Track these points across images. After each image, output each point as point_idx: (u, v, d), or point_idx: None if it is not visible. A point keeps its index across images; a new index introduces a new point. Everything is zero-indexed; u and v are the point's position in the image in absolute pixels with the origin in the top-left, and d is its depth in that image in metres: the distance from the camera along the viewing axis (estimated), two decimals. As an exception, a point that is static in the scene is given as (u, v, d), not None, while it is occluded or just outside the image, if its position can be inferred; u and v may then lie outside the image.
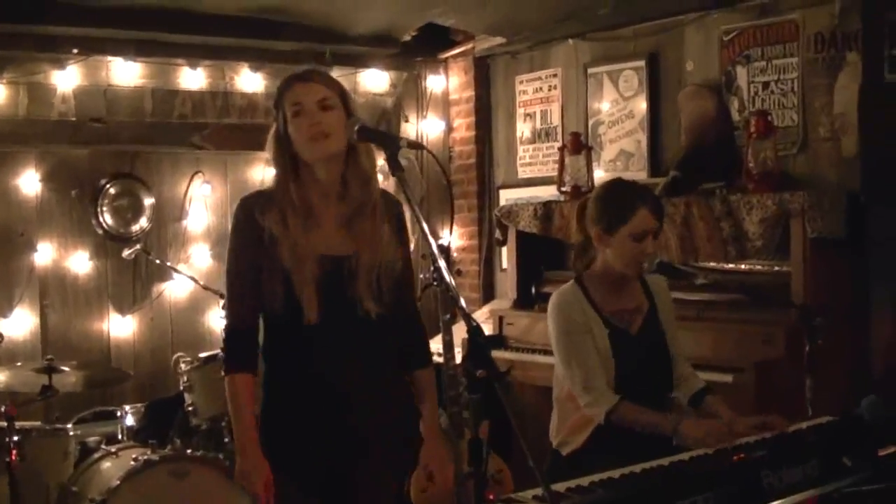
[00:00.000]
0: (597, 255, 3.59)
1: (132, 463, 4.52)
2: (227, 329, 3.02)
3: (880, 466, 3.08)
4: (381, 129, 3.26)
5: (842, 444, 3.10)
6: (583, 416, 3.50)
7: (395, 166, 2.65)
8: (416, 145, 2.86)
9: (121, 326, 6.18)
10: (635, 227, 3.43)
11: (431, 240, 2.43)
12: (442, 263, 2.44)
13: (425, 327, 3.26)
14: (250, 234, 2.96)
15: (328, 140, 2.92)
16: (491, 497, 2.54)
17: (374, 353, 3.03)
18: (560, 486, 2.67)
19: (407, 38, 6.84)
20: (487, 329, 5.68)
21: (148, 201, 6.24)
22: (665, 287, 3.71)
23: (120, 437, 5.11)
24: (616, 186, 3.63)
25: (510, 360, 5.47)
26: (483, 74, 7.11)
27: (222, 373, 3.01)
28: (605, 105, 6.15)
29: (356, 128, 2.87)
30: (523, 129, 6.82)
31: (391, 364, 3.10)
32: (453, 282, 2.45)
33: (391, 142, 2.72)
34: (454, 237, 7.11)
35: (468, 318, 2.29)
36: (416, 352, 3.21)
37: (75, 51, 5.93)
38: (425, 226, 2.47)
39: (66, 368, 4.99)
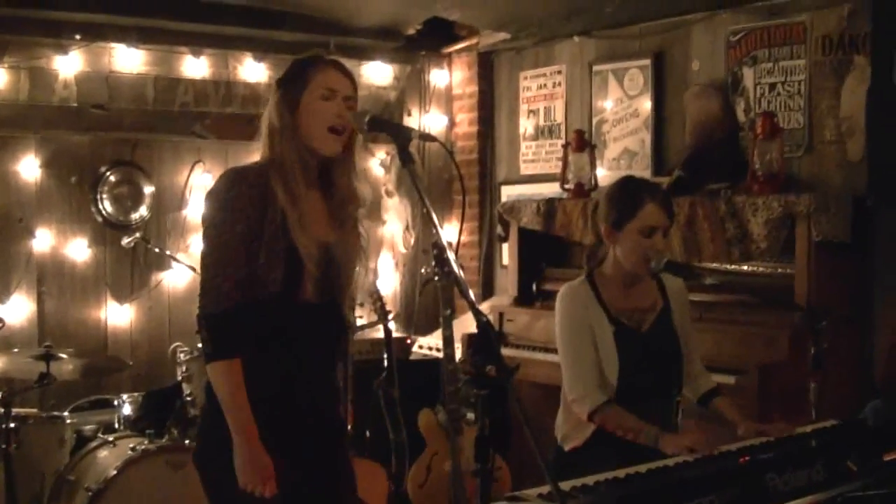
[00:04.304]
0: (606, 255, 3.57)
1: (129, 452, 4.51)
2: (216, 311, 2.84)
3: (886, 471, 3.07)
4: (392, 121, 3.22)
5: (847, 448, 3.09)
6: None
7: (405, 158, 2.62)
8: (428, 137, 2.82)
9: (118, 315, 6.15)
10: (643, 222, 3.41)
11: (442, 233, 2.40)
12: (451, 256, 2.42)
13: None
14: (254, 207, 2.84)
15: (340, 139, 2.91)
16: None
17: (340, 348, 3.08)
18: (565, 485, 2.65)
19: (411, 31, 6.82)
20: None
21: (148, 190, 6.20)
22: (682, 288, 3.67)
23: (116, 426, 5.08)
24: (624, 183, 3.61)
25: (510, 357, 5.45)
26: (487, 70, 7.09)
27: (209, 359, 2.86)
28: (609, 103, 6.13)
29: (366, 119, 2.84)
30: (526, 125, 6.80)
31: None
32: (462, 275, 2.43)
33: (403, 133, 2.69)
34: (454, 232, 7.08)
35: (478, 313, 2.27)
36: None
37: (78, 36, 5.90)
38: (435, 219, 2.44)
39: (64, 356, 4.96)
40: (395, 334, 5.83)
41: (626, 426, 3.34)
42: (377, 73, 6.91)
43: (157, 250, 6.01)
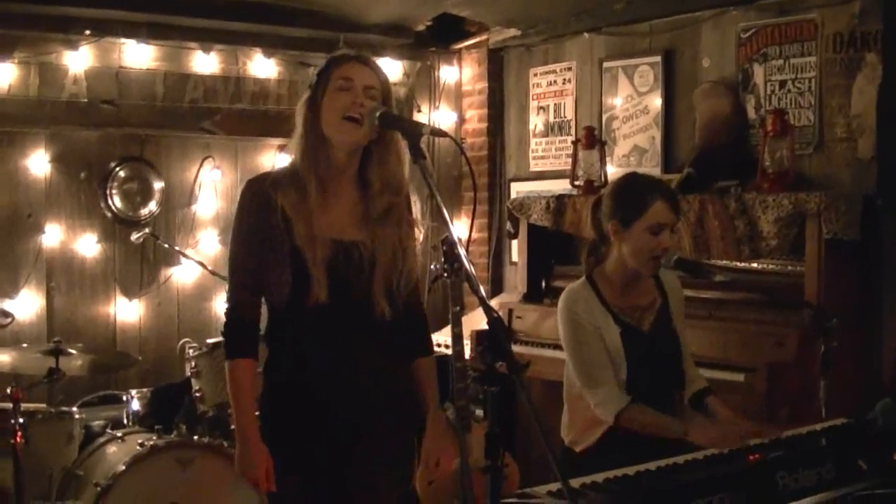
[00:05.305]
0: (609, 252, 3.55)
1: (138, 448, 4.50)
2: (229, 314, 2.97)
3: (895, 470, 3.06)
4: (403, 117, 3.20)
5: (857, 447, 3.08)
6: (594, 414, 3.47)
7: (417, 154, 2.63)
8: (440, 133, 2.82)
9: (127, 311, 6.15)
10: (651, 220, 3.40)
11: (453, 229, 2.39)
12: (462, 252, 2.42)
13: (426, 317, 3.23)
14: (258, 215, 2.91)
15: (359, 127, 2.89)
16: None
17: (379, 346, 3.00)
18: (575, 483, 2.65)
19: (421, 28, 6.82)
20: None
21: (157, 185, 6.21)
22: (678, 284, 3.68)
23: (125, 421, 5.08)
24: (631, 180, 3.60)
25: (519, 354, 5.43)
26: (496, 66, 7.07)
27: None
28: (619, 100, 6.12)
29: (377, 114, 2.84)
30: (536, 122, 6.79)
31: (394, 357, 3.07)
32: (473, 270, 2.42)
33: (414, 129, 2.69)
34: (464, 228, 7.07)
35: (489, 310, 2.26)
36: (418, 340, 3.17)
37: (88, 32, 5.90)
38: (447, 216, 2.44)
39: (73, 351, 4.97)
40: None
41: (653, 423, 3.34)
42: (387, 70, 6.78)
43: (166, 246, 6.01)
